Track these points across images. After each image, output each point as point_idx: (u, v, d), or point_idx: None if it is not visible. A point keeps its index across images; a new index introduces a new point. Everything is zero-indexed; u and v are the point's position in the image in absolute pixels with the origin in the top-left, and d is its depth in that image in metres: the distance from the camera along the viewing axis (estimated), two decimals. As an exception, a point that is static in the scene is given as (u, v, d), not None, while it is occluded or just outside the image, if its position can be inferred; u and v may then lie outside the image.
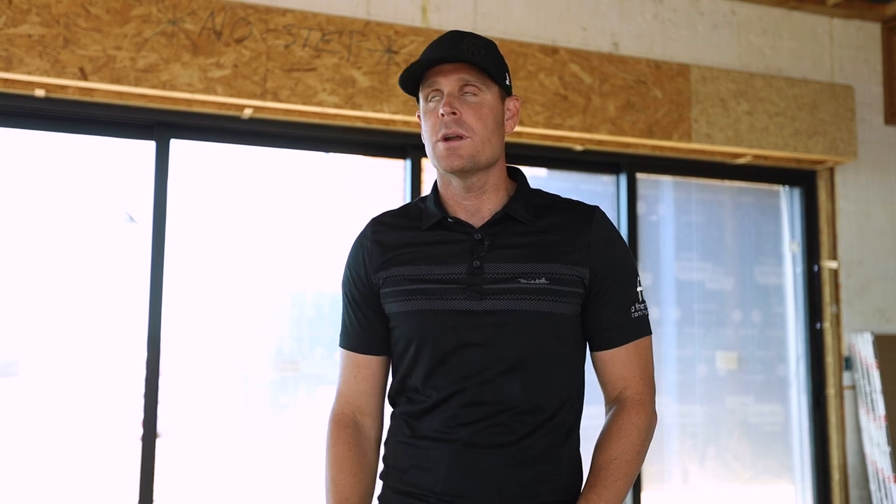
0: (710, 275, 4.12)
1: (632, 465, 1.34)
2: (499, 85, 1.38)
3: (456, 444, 1.32)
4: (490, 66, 1.35)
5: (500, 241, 1.37)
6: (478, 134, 1.34)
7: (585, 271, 1.34)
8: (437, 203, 1.42)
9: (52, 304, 3.17)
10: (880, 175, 4.27)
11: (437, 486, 1.32)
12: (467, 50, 1.34)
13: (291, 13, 3.17)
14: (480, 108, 1.35)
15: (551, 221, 1.39)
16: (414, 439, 1.37)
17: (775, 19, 4.14)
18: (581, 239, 1.36)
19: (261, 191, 3.50)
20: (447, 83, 1.35)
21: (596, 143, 3.73)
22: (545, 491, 1.33)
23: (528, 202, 1.41)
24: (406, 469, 1.37)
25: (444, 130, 1.34)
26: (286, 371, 3.43)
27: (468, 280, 1.33)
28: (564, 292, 1.33)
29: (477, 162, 1.35)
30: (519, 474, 1.31)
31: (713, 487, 3.99)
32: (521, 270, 1.33)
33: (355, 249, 1.47)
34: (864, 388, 4.04)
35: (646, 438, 1.38)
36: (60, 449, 3.15)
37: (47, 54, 2.83)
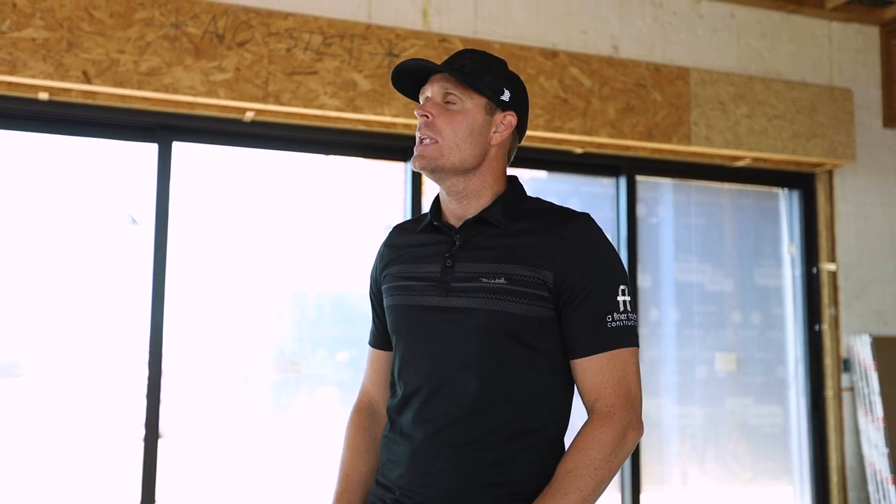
0: (709, 276, 4.14)
1: (588, 480, 1.29)
2: (487, 98, 1.43)
3: (416, 441, 1.37)
4: (474, 79, 1.41)
5: (472, 243, 1.42)
6: (445, 139, 1.40)
7: (549, 275, 1.35)
8: (435, 207, 1.51)
9: (55, 304, 3.19)
10: (879, 178, 4.29)
11: (401, 480, 1.39)
12: (456, 63, 1.42)
13: (293, 17, 3.19)
14: (454, 115, 1.41)
15: (528, 226, 1.41)
16: (391, 433, 1.45)
17: (774, 23, 4.16)
18: (550, 243, 1.37)
19: (262, 193, 3.52)
20: (431, 90, 1.44)
21: (596, 146, 3.75)
22: (499, 494, 1.34)
23: (508, 207, 1.44)
24: (385, 462, 1.45)
25: (418, 133, 1.43)
26: (287, 372, 3.45)
27: (440, 278, 1.40)
28: (523, 293, 1.35)
29: (440, 165, 1.41)
30: (471, 475, 1.34)
31: (713, 489, 4.01)
32: (484, 270, 1.37)
33: (377, 255, 1.60)
34: (862, 389, 4.05)
35: (610, 454, 1.31)
36: (63, 449, 3.17)
37: (51, 58, 2.85)
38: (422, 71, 1.44)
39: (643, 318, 3.96)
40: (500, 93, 1.44)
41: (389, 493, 1.42)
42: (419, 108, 1.42)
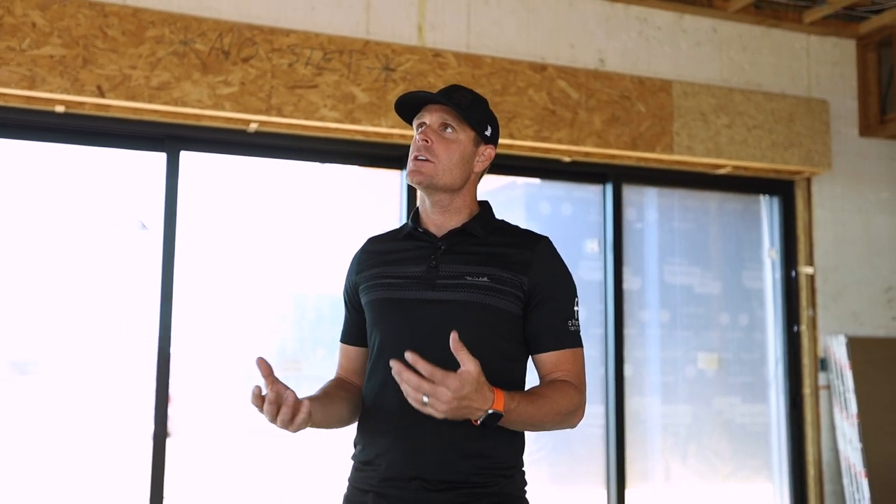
0: (694, 279, 4.32)
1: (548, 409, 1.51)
2: (476, 132, 1.67)
3: (401, 418, 1.55)
4: (468, 115, 1.64)
5: (455, 249, 1.65)
6: (441, 161, 1.63)
7: (524, 279, 1.60)
8: (415, 218, 1.73)
9: (67, 306, 3.36)
10: (855, 185, 4.48)
11: (388, 455, 1.57)
12: (454, 98, 1.64)
13: (295, 34, 3.37)
14: (450, 144, 1.64)
15: (503, 240, 1.68)
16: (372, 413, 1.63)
17: (755, 36, 4.35)
18: (523, 255, 1.63)
19: (265, 200, 3.70)
20: (430, 118, 1.66)
21: (583, 155, 3.93)
22: (480, 465, 1.55)
23: (485, 224, 1.69)
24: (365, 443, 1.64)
25: (416, 153, 1.64)
26: (289, 370, 3.62)
27: (425, 276, 1.62)
28: (504, 291, 1.59)
29: (434, 182, 1.64)
30: (454, 449, 1.54)
31: (694, 484, 4.19)
32: (468, 271, 1.61)
33: (351, 260, 1.80)
34: (838, 387, 4.24)
35: (569, 412, 1.55)
36: (74, 446, 3.33)
37: (68, 73, 3.03)
38: (421, 100, 1.66)
39: (630, 319, 4.14)
40: (485, 128, 1.69)
41: (373, 469, 1.59)
42: (421, 132, 1.64)
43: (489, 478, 1.56)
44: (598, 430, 4.01)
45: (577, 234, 4.10)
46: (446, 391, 1.38)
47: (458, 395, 1.38)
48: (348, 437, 1.75)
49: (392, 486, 1.56)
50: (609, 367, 4.03)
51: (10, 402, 3.24)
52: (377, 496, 1.57)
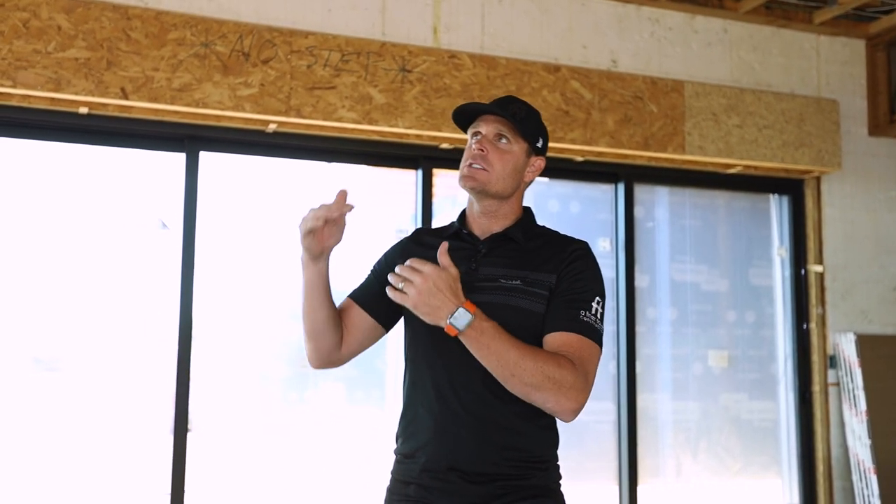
0: (704, 277, 4.36)
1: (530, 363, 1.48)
2: (529, 144, 1.72)
3: (440, 412, 1.61)
4: (523, 127, 1.70)
5: (495, 253, 1.72)
6: (495, 170, 1.69)
7: (553, 277, 1.65)
8: (461, 219, 1.79)
9: (90, 304, 3.42)
10: (864, 184, 4.52)
11: (428, 448, 1.62)
12: (511, 110, 1.70)
13: (313, 35, 3.42)
14: (504, 154, 1.70)
15: (540, 244, 1.73)
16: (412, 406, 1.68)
17: (765, 36, 4.39)
18: (558, 256, 1.68)
19: (283, 199, 3.75)
20: (486, 129, 1.72)
21: (595, 155, 3.98)
22: (516, 457, 1.60)
23: (526, 230, 1.75)
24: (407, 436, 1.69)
25: (471, 160, 1.70)
26: (306, 367, 3.66)
27: (465, 278, 1.65)
28: (535, 293, 1.64)
29: (486, 189, 1.70)
30: (491, 441, 1.59)
31: (705, 480, 4.24)
32: (504, 274, 1.67)
33: (397, 243, 1.85)
34: (847, 385, 4.28)
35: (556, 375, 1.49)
36: (98, 440, 3.39)
37: (92, 76, 3.08)
38: (476, 111, 1.72)
39: (640, 316, 4.19)
40: (537, 140, 1.75)
41: (414, 462, 1.65)
42: (477, 141, 1.71)
43: (525, 470, 1.61)
44: (609, 427, 4.07)
45: (586, 232, 4.15)
46: (420, 275, 1.47)
47: (430, 279, 1.47)
48: (366, 434, 1.80)
49: (431, 477, 1.61)
50: (620, 364, 4.08)
51: (35, 398, 3.30)
52: (419, 487, 1.63)
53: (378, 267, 1.82)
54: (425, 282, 1.49)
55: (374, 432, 3.75)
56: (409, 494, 1.64)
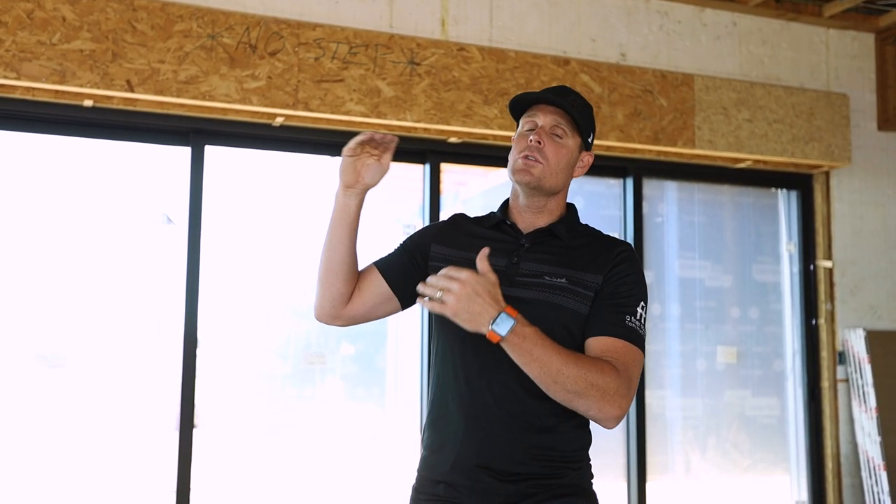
0: (712, 272, 4.33)
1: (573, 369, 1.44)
2: (582, 139, 1.68)
3: (475, 410, 1.57)
4: (580, 120, 1.65)
5: (538, 248, 1.66)
6: (550, 164, 1.64)
7: (599, 278, 1.60)
8: (504, 210, 1.74)
9: (96, 299, 3.37)
10: (873, 179, 4.49)
11: (460, 447, 1.58)
12: (570, 102, 1.64)
13: (321, 27, 3.37)
14: (560, 148, 1.65)
15: (584, 242, 1.68)
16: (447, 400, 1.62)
17: (774, 30, 4.35)
18: (604, 256, 1.64)
19: (289, 193, 3.70)
20: (544, 119, 1.66)
21: (605, 149, 3.94)
22: (550, 456, 1.57)
23: (571, 228, 1.70)
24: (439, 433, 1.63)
25: (527, 152, 1.64)
26: (314, 364, 3.63)
27: (505, 271, 1.61)
28: (579, 293, 1.59)
29: (541, 184, 1.64)
30: (525, 441, 1.55)
31: (714, 477, 4.21)
32: (548, 271, 1.61)
33: (433, 224, 1.81)
34: (856, 381, 4.26)
35: (599, 382, 1.45)
36: (103, 437, 3.35)
37: (97, 68, 3.03)
38: (534, 100, 1.67)
39: (648, 313, 4.14)
40: (589, 135, 1.70)
41: (443, 459, 1.59)
42: (535, 133, 1.64)
43: (557, 469, 1.57)
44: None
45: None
46: (458, 282, 1.43)
47: (469, 286, 1.43)
48: (369, 433, 1.75)
49: (461, 475, 1.57)
50: (630, 361, 4.04)
51: (38, 395, 3.26)
52: (449, 486, 1.58)
53: (409, 243, 1.75)
54: (464, 287, 1.44)
55: (375, 429, 3.71)
56: (439, 494, 1.60)
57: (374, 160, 1.63)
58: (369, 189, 1.65)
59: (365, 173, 1.63)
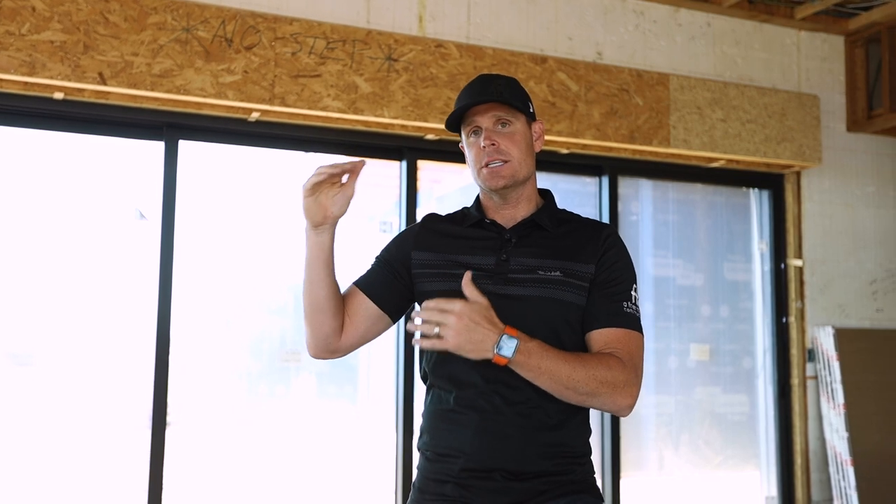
0: (685, 271, 4.37)
1: (581, 373, 1.46)
2: (525, 114, 1.66)
3: (484, 411, 1.55)
4: (515, 100, 1.63)
5: (525, 241, 1.64)
6: (514, 157, 1.62)
7: (592, 267, 1.60)
8: (479, 209, 1.71)
9: (66, 296, 3.30)
10: (842, 179, 4.56)
11: (468, 447, 1.55)
12: (496, 91, 1.61)
13: (298, 22, 3.34)
14: (513, 136, 1.63)
15: (569, 230, 1.67)
16: (450, 405, 1.59)
17: (747, 31, 4.40)
18: (593, 243, 1.63)
19: (264, 190, 3.66)
20: (483, 120, 1.63)
21: (581, 147, 3.95)
22: (561, 453, 1.57)
23: (552, 215, 1.69)
24: (442, 433, 1.60)
25: (486, 158, 1.61)
26: (288, 362, 3.60)
27: (496, 269, 1.60)
28: (575, 284, 1.59)
29: (516, 179, 1.63)
30: (536, 440, 1.55)
31: (687, 473, 4.25)
32: (540, 264, 1.60)
33: (406, 230, 1.75)
34: (825, 378, 4.33)
35: (608, 381, 1.48)
36: (73, 436, 3.28)
37: (68, 59, 2.97)
38: (464, 109, 1.63)
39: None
40: (528, 107, 1.67)
41: (452, 461, 1.57)
42: (484, 136, 1.62)
43: (567, 466, 1.57)
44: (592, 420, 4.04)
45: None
46: (452, 315, 1.42)
47: (465, 317, 1.42)
48: (342, 430, 1.71)
49: (473, 476, 1.55)
50: (604, 358, 4.06)
51: (9, 393, 3.19)
52: (457, 486, 1.56)
53: (386, 255, 1.72)
54: (461, 320, 1.43)
55: (347, 426, 3.69)
56: (446, 493, 1.57)
57: (337, 190, 1.55)
58: (339, 220, 1.59)
59: (331, 206, 1.56)
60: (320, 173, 1.52)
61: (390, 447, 3.64)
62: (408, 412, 3.61)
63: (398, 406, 3.64)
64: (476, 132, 1.64)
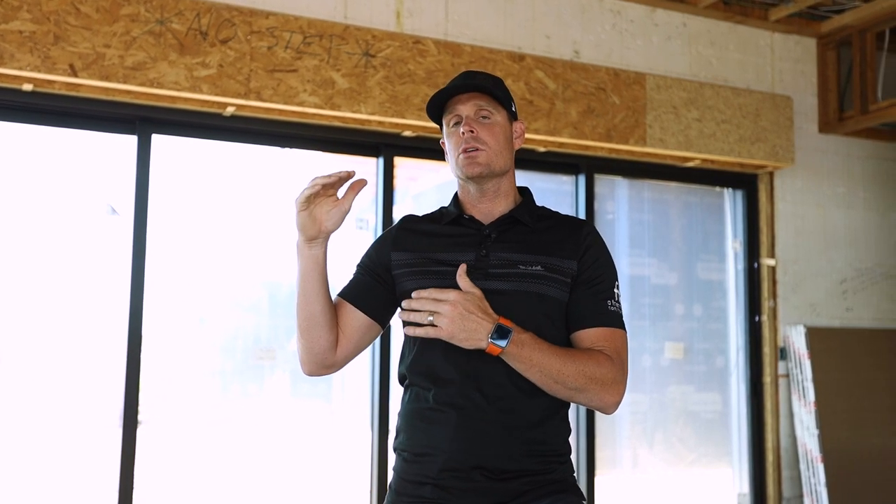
0: (659, 269, 4.40)
1: (570, 368, 1.48)
2: (507, 110, 1.66)
3: (463, 409, 1.53)
4: (498, 94, 1.63)
5: (504, 237, 1.64)
6: (491, 147, 1.62)
7: (574, 263, 1.60)
8: (457, 205, 1.70)
9: (35, 293, 3.23)
10: (814, 180, 4.62)
11: (447, 445, 1.53)
12: (480, 83, 1.62)
13: (274, 16, 3.29)
14: (493, 127, 1.63)
15: (549, 226, 1.67)
16: (428, 404, 1.57)
17: (722, 32, 4.43)
18: (572, 240, 1.63)
19: (239, 185, 3.61)
20: (465, 109, 1.63)
21: (558, 146, 3.95)
22: (541, 451, 1.56)
23: (532, 211, 1.69)
24: (421, 431, 1.58)
25: (464, 145, 1.61)
26: (263, 359, 3.56)
27: (476, 265, 1.59)
28: (556, 279, 1.58)
29: (492, 169, 1.62)
30: (516, 437, 1.53)
31: (661, 471, 4.28)
32: (521, 259, 1.59)
33: (384, 234, 1.74)
34: (796, 376, 4.38)
35: (597, 377, 1.50)
36: (43, 436, 3.22)
37: (38, 50, 2.90)
38: (446, 95, 1.63)
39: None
40: (510, 104, 1.68)
41: (430, 461, 1.55)
42: (464, 124, 1.61)
43: (547, 465, 1.56)
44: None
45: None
46: (447, 304, 1.44)
47: (460, 305, 1.44)
48: (316, 429, 1.69)
49: (453, 476, 1.52)
50: (580, 357, 4.07)
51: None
52: (436, 487, 1.53)
53: (367, 262, 1.70)
54: (455, 308, 1.44)
55: (321, 425, 3.66)
56: (424, 495, 1.54)
57: (332, 204, 1.53)
58: (332, 234, 1.57)
59: (326, 220, 1.54)
60: (315, 185, 1.50)
61: (365, 447, 3.61)
62: (383, 411, 3.58)
63: (373, 405, 3.61)
64: (457, 122, 1.64)
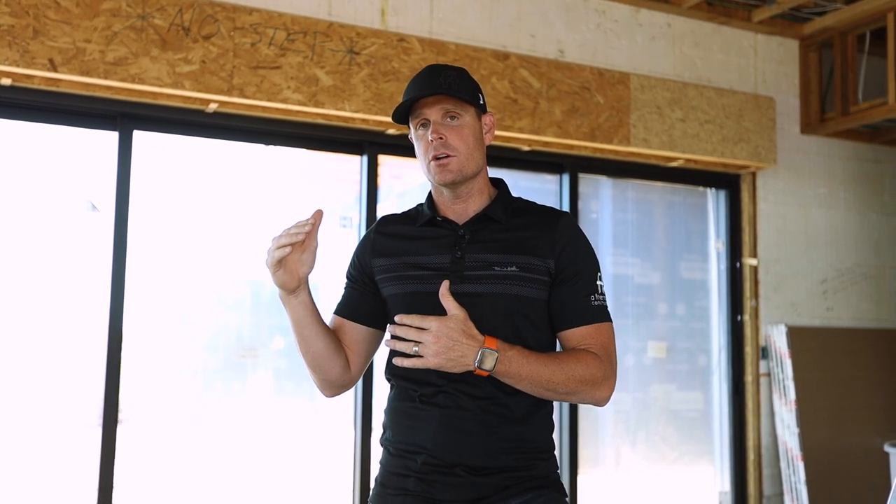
0: (643, 269, 4.41)
1: (559, 374, 1.49)
2: (474, 106, 1.63)
3: (445, 408, 1.55)
4: (464, 93, 1.60)
5: (479, 237, 1.62)
6: (462, 152, 1.60)
7: (551, 262, 1.58)
8: (431, 206, 1.68)
9: (14, 290, 3.19)
10: (796, 180, 4.65)
11: (429, 443, 1.55)
12: (444, 83, 1.58)
13: (258, 12, 3.27)
14: (462, 130, 1.60)
15: (525, 221, 1.64)
16: (412, 402, 1.59)
17: (706, 33, 4.45)
18: (549, 236, 1.61)
19: (222, 182, 3.59)
20: (432, 113, 1.61)
21: (542, 145, 3.96)
22: (521, 448, 1.57)
23: (506, 206, 1.66)
24: (404, 429, 1.59)
25: (434, 152, 1.59)
26: (245, 358, 3.54)
27: (451, 267, 1.58)
28: (532, 279, 1.57)
29: (465, 174, 1.61)
30: (496, 435, 1.55)
31: (643, 469, 4.30)
32: (496, 260, 1.58)
33: (363, 240, 1.74)
34: (777, 375, 4.41)
35: (586, 379, 1.51)
36: (22, 434, 3.18)
37: (17, 44, 2.86)
38: (412, 100, 1.60)
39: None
40: (478, 98, 1.65)
41: (414, 456, 1.57)
42: (432, 130, 1.59)
43: (530, 461, 1.57)
44: (550, 417, 4.07)
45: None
46: (429, 333, 1.43)
47: (442, 334, 1.43)
48: (299, 427, 1.70)
49: (435, 471, 1.54)
50: (563, 355, 4.08)
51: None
52: (419, 480, 1.55)
53: (354, 274, 1.71)
54: (438, 339, 1.44)
55: (304, 424, 3.65)
56: (408, 488, 1.56)
57: (299, 248, 1.54)
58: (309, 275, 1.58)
59: (300, 268, 1.55)
60: (281, 247, 1.51)
61: (348, 444, 3.60)
62: (366, 409, 3.58)
63: (356, 403, 3.60)
64: (424, 125, 1.62)
